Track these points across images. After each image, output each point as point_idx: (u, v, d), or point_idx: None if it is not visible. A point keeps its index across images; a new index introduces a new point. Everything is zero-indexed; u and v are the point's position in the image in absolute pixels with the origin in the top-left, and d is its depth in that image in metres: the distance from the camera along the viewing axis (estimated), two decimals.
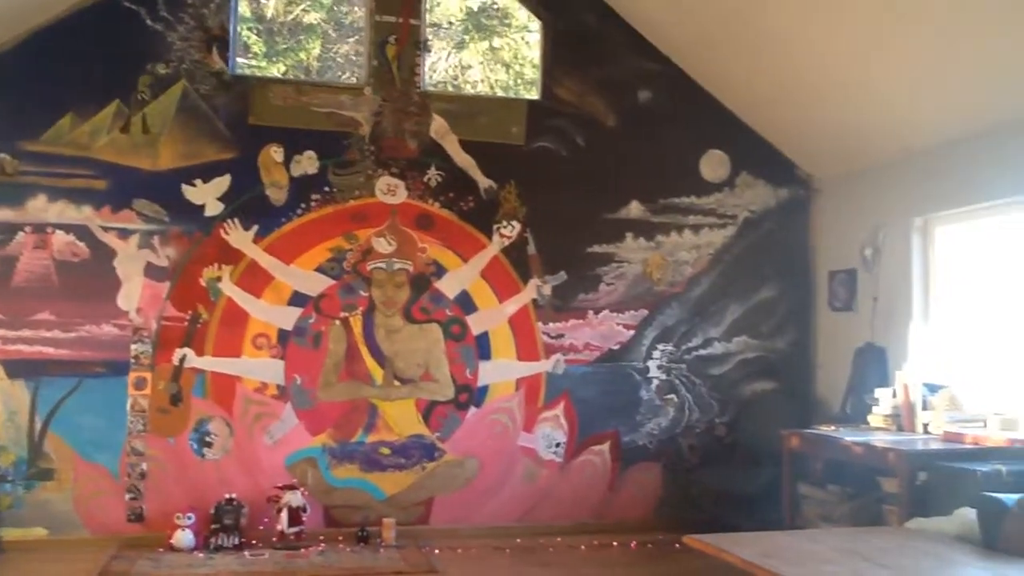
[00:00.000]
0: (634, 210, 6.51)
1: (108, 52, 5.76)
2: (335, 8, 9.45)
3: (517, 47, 9.39)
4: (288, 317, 5.96)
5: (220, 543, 5.49)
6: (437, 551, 5.63)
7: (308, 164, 6.03)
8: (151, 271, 5.79)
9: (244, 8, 7.25)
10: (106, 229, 5.73)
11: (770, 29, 5.67)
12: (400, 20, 6.20)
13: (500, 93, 9.22)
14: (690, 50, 6.47)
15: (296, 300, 5.98)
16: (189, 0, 5.85)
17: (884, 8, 4.94)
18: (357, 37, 8.24)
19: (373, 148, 6.13)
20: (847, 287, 6.36)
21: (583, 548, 5.83)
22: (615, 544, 5.90)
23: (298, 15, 9.51)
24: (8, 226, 5.61)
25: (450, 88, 9.21)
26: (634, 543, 5.92)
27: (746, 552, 3.44)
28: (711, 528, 4.57)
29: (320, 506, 5.92)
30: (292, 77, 8.77)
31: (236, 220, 5.92)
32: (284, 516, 5.62)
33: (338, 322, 6.02)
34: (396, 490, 6.05)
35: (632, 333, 6.49)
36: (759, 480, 6.27)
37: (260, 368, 5.90)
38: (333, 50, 9.74)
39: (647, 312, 6.52)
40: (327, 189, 6.05)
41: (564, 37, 6.45)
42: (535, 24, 6.76)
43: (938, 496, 4.33)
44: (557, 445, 6.33)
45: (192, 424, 5.80)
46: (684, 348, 6.57)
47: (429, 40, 6.63)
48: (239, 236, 5.92)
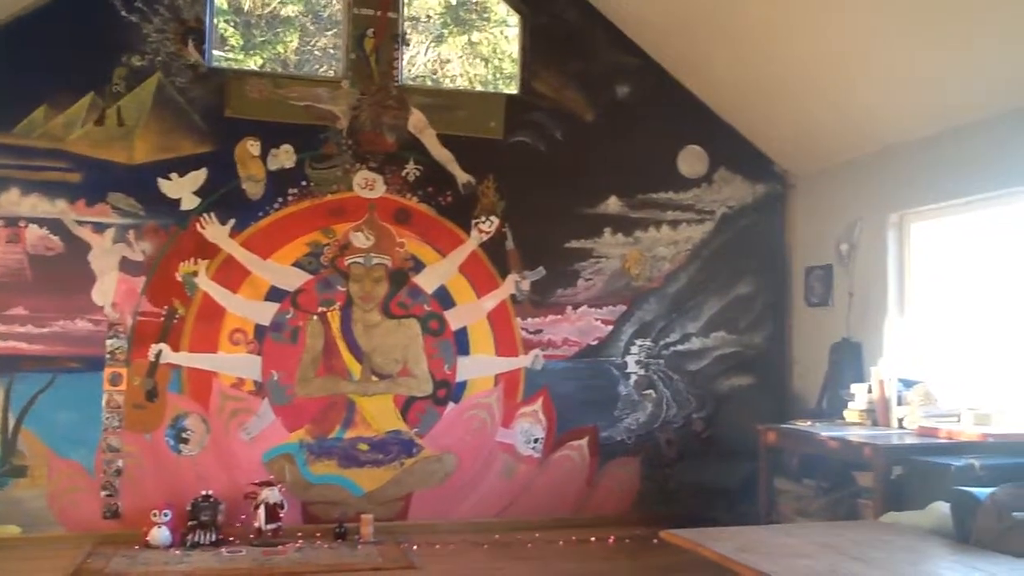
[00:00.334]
0: (612, 205, 6.52)
1: (82, 43, 5.70)
2: (313, 1, 9.39)
3: (496, 41, 9.38)
4: (265, 312, 5.92)
5: (197, 540, 5.46)
6: (415, 547, 5.63)
7: (285, 158, 5.99)
8: (126, 266, 5.73)
9: (221, 0, 7.17)
10: (80, 223, 5.67)
11: (748, 26, 5.69)
12: (378, 13, 6.17)
13: (479, 87, 9.20)
14: (668, 45, 6.48)
15: (273, 295, 5.94)
16: None
17: (859, 8, 4.97)
18: (335, 30, 8.19)
19: (351, 142, 6.10)
20: (823, 283, 6.40)
21: (561, 543, 5.83)
22: (593, 539, 5.91)
23: (275, 8, 9.44)
24: None
25: (429, 82, 9.18)
26: (612, 538, 5.93)
27: (723, 547, 3.45)
28: (689, 522, 4.61)
29: (298, 502, 5.90)
30: (269, 70, 8.70)
31: (212, 214, 5.87)
32: (261, 513, 5.59)
33: (316, 317, 5.99)
34: (374, 486, 6.03)
35: (610, 328, 6.51)
36: (736, 475, 6.33)
37: (237, 364, 5.87)
38: (311, 43, 9.69)
39: (625, 307, 6.54)
40: (304, 183, 6.02)
41: (543, 31, 6.45)
42: (514, 18, 6.75)
43: (912, 490, 4.37)
44: (535, 441, 6.34)
45: (168, 420, 5.76)
46: (662, 343, 6.60)
47: (407, 34, 6.61)
48: (215, 230, 5.88)
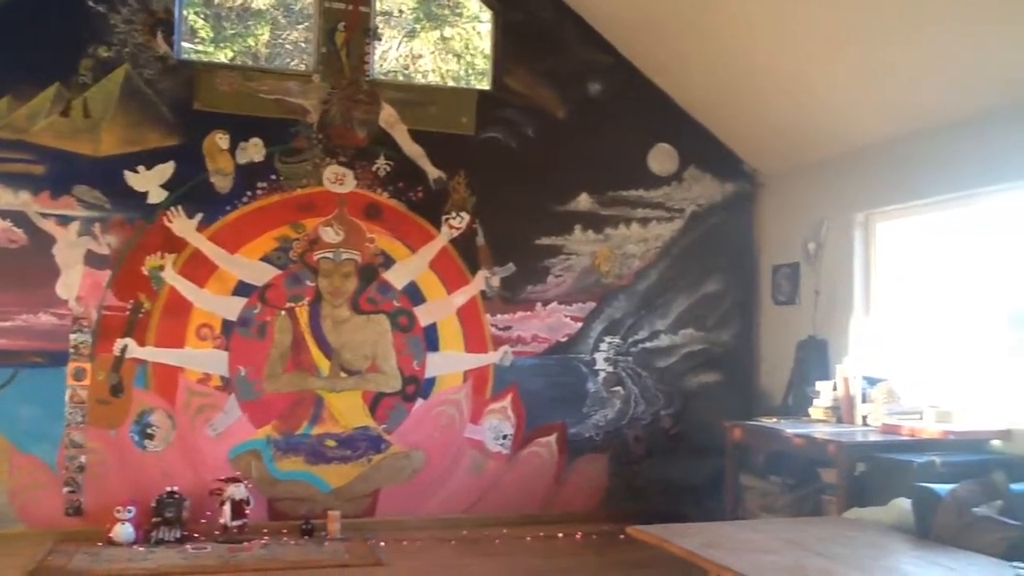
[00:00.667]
0: (583, 202, 6.54)
1: (47, 33, 5.61)
2: None
3: (468, 37, 9.34)
4: (233, 307, 5.88)
5: (161, 537, 5.41)
6: (383, 543, 5.61)
7: (254, 151, 5.95)
8: (92, 259, 5.66)
9: None
10: (45, 215, 5.60)
11: (717, 25, 5.72)
12: (350, 7, 6.13)
13: (451, 83, 9.18)
14: (639, 43, 6.50)
15: (241, 290, 5.90)
16: None
17: (827, 10, 5.01)
18: (306, 24, 8.13)
19: (321, 136, 6.06)
20: (790, 281, 6.46)
21: (528, 539, 5.84)
22: (560, 535, 5.94)
23: (247, 0, 9.35)
24: None
25: (400, 77, 9.14)
26: (579, 534, 5.96)
27: (688, 542, 3.49)
28: (656, 519, 4.64)
29: (264, 499, 5.86)
30: (240, 63, 8.62)
31: (180, 208, 5.82)
32: (227, 509, 5.55)
33: (284, 312, 5.96)
34: (342, 482, 6.01)
35: (580, 325, 6.52)
36: (703, 471, 6.37)
37: (203, 359, 5.81)
38: (282, 36, 9.60)
39: (595, 304, 6.56)
40: (274, 177, 5.97)
41: (515, 28, 6.45)
42: (486, 14, 6.74)
43: (875, 486, 4.43)
44: (504, 437, 6.34)
45: (133, 416, 5.70)
46: (631, 340, 6.62)
47: (379, 28, 6.57)
48: (183, 224, 5.82)
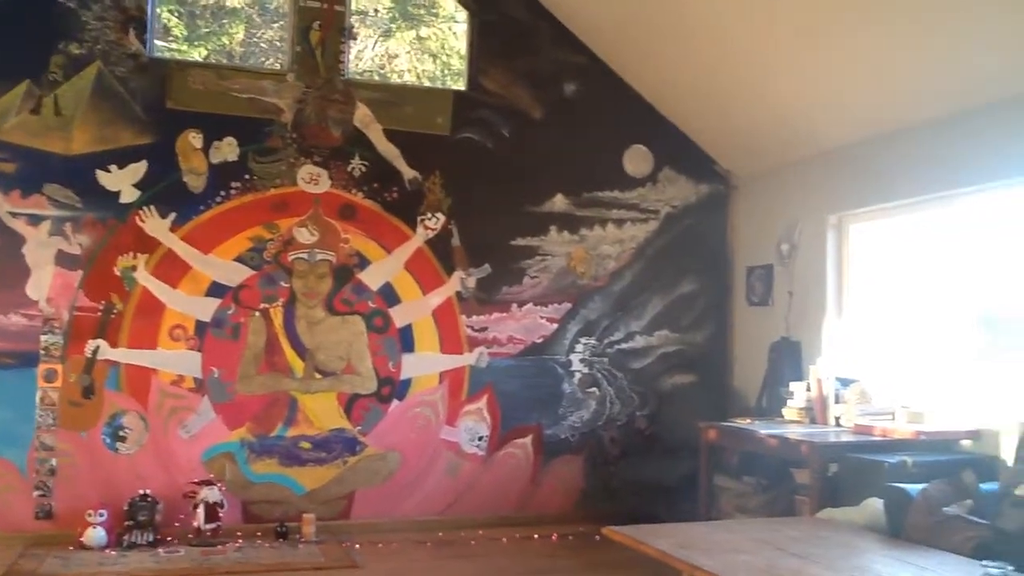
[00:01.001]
0: (558, 203, 6.54)
1: (17, 29, 5.54)
2: None
3: (444, 37, 9.32)
4: (206, 308, 5.83)
5: (134, 540, 5.36)
6: (358, 546, 5.59)
7: (228, 151, 5.90)
8: (63, 259, 5.59)
9: None
10: (15, 215, 5.52)
11: (691, 27, 5.75)
12: (325, 6, 6.10)
13: (427, 83, 9.15)
14: (614, 45, 6.52)
15: (214, 290, 5.85)
16: None
17: (799, 12, 5.06)
18: (282, 22, 8.08)
19: (295, 136, 6.03)
20: (764, 282, 6.50)
21: (504, 541, 5.85)
22: (536, 536, 5.94)
23: None
24: None
25: (376, 77, 9.11)
26: (555, 535, 5.97)
27: (663, 543, 3.50)
28: (631, 519, 4.66)
29: (238, 502, 5.81)
30: (214, 61, 8.55)
31: (152, 207, 5.76)
32: (201, 512, 5.50)
33: (258, 313, 5.92)
34: (316, 485, 5.98)
35: (555, 327, 6.53)
36: (678, 472, 6.40)
37: (176, 360, 5.76)
38: (257, 35, 9.53)
39: (570, 305, 6.57)
40: (247, 177, 5.93)
41: (491, 28, 6.44)
42: (462, 15, 6.73)
43: (848, 487, 4.47)
44: (480, 438, 6.34)
45: (105, 418, 5.64)
46: (606, 342, 6.64)
47: (355, 27, 6.55)
48: (155, 224, 5.77)
